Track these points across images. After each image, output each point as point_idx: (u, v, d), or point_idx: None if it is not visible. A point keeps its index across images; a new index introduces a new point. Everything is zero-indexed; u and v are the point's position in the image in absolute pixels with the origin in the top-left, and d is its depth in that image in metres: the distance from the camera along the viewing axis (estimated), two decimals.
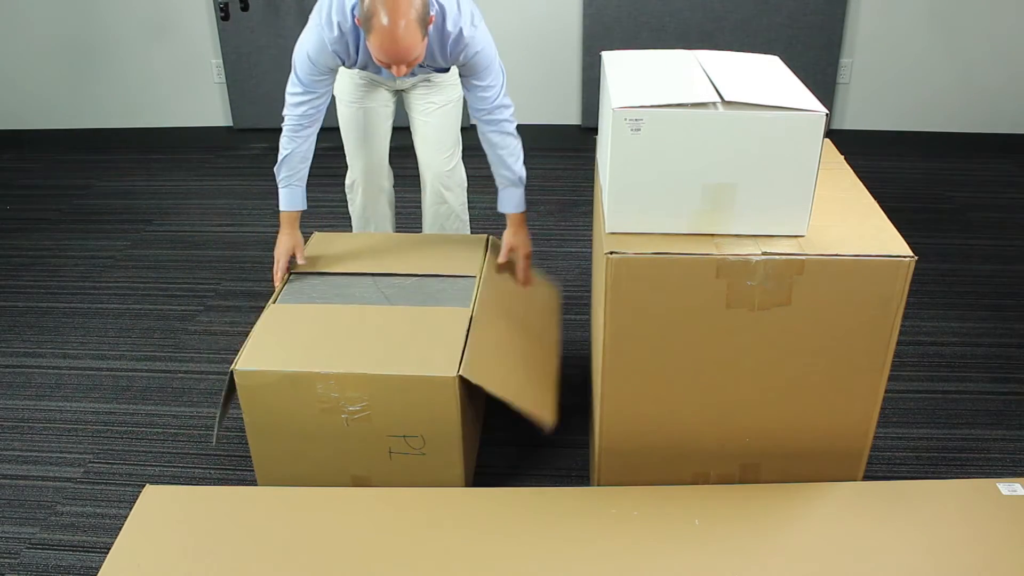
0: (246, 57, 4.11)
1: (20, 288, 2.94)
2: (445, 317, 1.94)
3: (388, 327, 1.91)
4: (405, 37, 1.78)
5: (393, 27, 1.76)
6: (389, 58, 1.82)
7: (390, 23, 1.76)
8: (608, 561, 1.56)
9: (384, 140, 2.43)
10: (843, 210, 1.69)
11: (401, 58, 1.81)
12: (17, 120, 4.39)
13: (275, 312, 1.97)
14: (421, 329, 1.90)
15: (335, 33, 1.96)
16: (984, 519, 1.64)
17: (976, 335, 2.57)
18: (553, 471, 2.07)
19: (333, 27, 1.96)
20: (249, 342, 1.86)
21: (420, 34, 1.80)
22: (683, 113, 1.48)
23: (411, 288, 2.08)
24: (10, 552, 1.87)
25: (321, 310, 1.97)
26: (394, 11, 1.76)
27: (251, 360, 1.80)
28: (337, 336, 1.88)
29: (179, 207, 3.55)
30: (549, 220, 3.36)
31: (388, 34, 1.77)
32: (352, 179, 2.48)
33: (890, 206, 3.33)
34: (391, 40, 1.78)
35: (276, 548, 1.59)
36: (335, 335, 1.88)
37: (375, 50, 1.82)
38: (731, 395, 1.67)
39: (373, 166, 2.45)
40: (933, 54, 3.93)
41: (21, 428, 2.26)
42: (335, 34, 1.96)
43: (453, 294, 2.05)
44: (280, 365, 1.78)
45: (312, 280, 2.11)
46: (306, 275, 2.13)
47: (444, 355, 1.80)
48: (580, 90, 4.16)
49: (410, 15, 1.77)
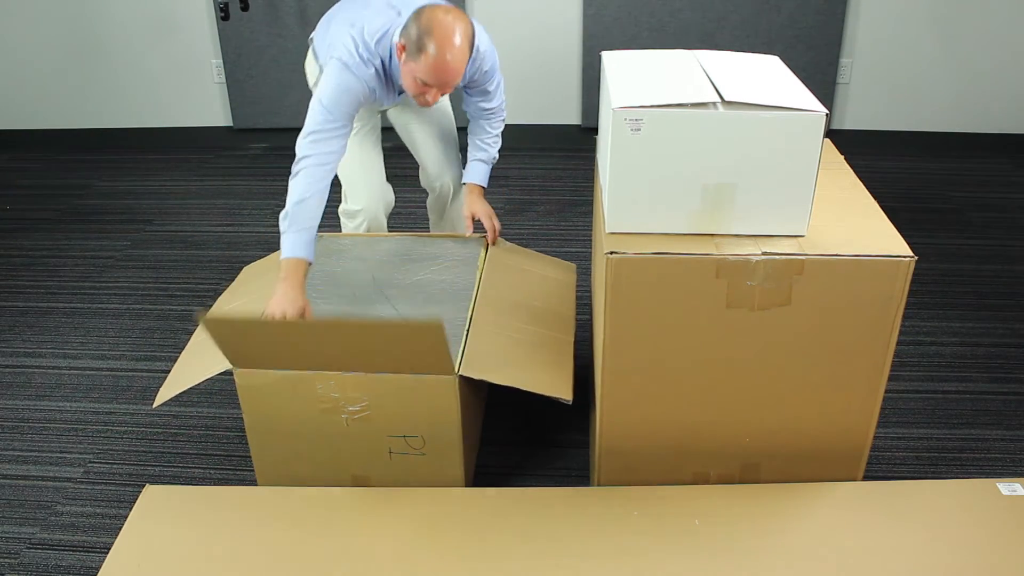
0: (246, 57, 4.11)
1: (20, 288, 2.94)
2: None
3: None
4: (455, 60, 1.79)
5: (446, 49, 1.77)
6: (437, 82, 1.82)
7: (444, 45, 1.77)
8: (608, 561, 1.56)
9: (381, 162, 2.42)
10: (843, 210, 1.69)
11: (450, 82, 1.83)
12: (17, 120, 4.39)
13: None
14: None
15: (371, 69, 1.93)
16: (984, 519, 1.64)
17: (976, 335, 2.57)
18: (553, 471, 2.07)
19: (367, 63, 1.92)
20: None
21: (467, 60, 1.83)
22: (683, 113, 1.48)
23: (412, 288, 2.08)
24: (10, 552, 1.87)
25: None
26: (447, 36, 1.77)
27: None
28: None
29: (179, 207, 3.55)
30: (549, 220, 3.36)
31: (441, 57, 1.78)
32: (358, 206, 2.36)
33: (890, 206, 3.33)
34: (443, 63, 1.78)
35: (276, 548, 1.59)
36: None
37: (423, 72, 1.81)
38: (731, 395, 1.67)
39: (376, 191, 2.38)
40: (933, 54, 3.93)
41: (21, 428, 2.26)
42: (371, 70, 1.93)
43: (453, 294, 2.05)
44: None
45: (315, 278, 2.11)
46: (309, 275, 2.13)
47: (444, 355, 1.80)
48: (580, 90, 4.16)
49: (462, 39, 1.79)
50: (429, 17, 1.80)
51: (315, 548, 1.59)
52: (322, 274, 2.14)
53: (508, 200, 3.53)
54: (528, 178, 3.75)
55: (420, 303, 2.01)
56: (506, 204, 3.48)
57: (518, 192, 3.59)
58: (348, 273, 2.15)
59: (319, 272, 2.15)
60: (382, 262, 2.19)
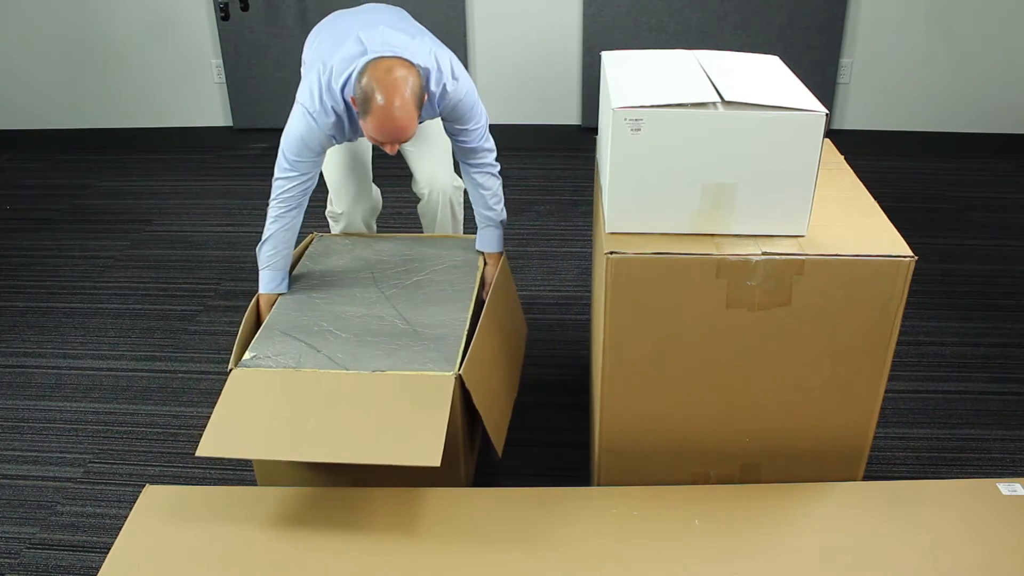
0: (246, 57, 4.11)
1: (20, 288, 2.94)
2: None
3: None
4: (402, 118, 1.78)
5: (389, 108, 1.76)
6: (386, 138, 1.81)
7: (386, 104, 1.76)
8: (608, 561, 1.56)
9: (368, 167, 2.42)
10: (843, 210, 1.69)
11: (397, 138, 1.81)
12: (17, 120, 4.39)
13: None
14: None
15: (331, 118, 1.93)
16: (984, 519, 1.64)
17: (976, 335, 2.57)
18: (553, 471, 2.07)
19: (328, 112, 1.92)
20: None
21: (416, 113, 1.81)
22: (683, 113, 1.48)
23: (412, 288, 2.08)
24: (10, 552, 1.87)
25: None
26: (390, 92, 1.76)
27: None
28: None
29: (179, 207, 3.55)
30: (549, 220, 3.36)
31: (385, 116, 1.77)
32: (340, 210, 2.41)
33: (890, 206, 3.32)
34: (389, 121, 1.78)
35: (276, 548, 1.59)
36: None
37: (371, 131, 1.81)
38: (731, 395, 1.67)
39: (358, 196, 2.40)
40: (933, 54, 3.93)
41: (21, 428, 2.26)
42: (331, 119, 1.93)
43: (453, 294, 2.05)
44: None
45: (315, 279, 2.11)
46: (309, 274, 2.13)
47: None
48: (580, 90, 4.16)
49: (405, 95, 1.77)
50: (371, 76, 1.78)
51: (315, 548, 1.59)
52: (321, 273, 2.14)
53: (508, 200, 3.50)
54: (528, 178, 3.75)
55: (420, 303, 2.01)
56: (506, 204, 3.47)
57: (518, 192, 3.59)
58: (348, 272, 2.15)
59: (319, 271, 2.15)
60: (381, 262, 2.19)
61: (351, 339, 1.88)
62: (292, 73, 4.30)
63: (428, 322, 1.94)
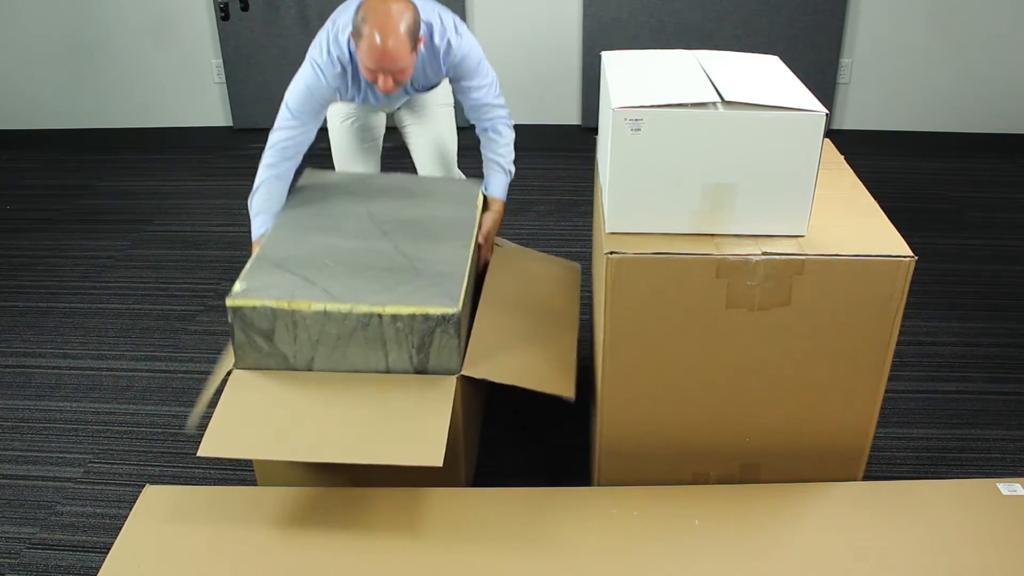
0: (246, 57, 4.10)
1: (20, 288, 2.94)
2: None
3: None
4: (392, 43, 1.82)
5: (382, 33, 1.82)
6: (376, 64, 1.85)
7: (379, 29, 1.82)
8: (608, 561, 1.56)
9: (376, 153, 2.45)
10: (843, 210, 1.69)
11: (388, 65, 1.85)
12: (17, 120, 4.39)
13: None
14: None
15: (337, 68, 2.01)
16: (984, 519, 1.64)
17: (976, 335, 2.57)
18: (553, 471, 2.07)
19: (334, 62, 2.00)
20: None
21: (408, 46, 1.86)
22: (683, 113, 1.48)
23: (410, 223, 2.00)
24: (10, 552, 1.87)
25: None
26: (384, 20, 1.82)
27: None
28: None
29: (179, 207, 3.55)
30: (549, 220, 3.36)
31: (376, 40, 1.82)
32: None
33: (890, 206, 3.32)
34: (377, 47, 1.82)
35: (276, 548, 1.59)
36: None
37: (363, 56, 1.86)
38: (731, 395, 1.67)
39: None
40: (933, 54, 3.93)
41: (21, 428, 2.26)
42: (337, 69, 2.01)
43: (453, 230, 1.99)
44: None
45: (307, 210, 2.06)
46: (300, 207, 2.07)
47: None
48: (580, 90, 4.16)
49: (399, 27, 1.83)
50: (367, 8, 1.84)
51: (315, 548, 1.59)
52: (315, 205, 2.08)
53: (508, 200, 3.51)
54: (528, 178, 3.74)
55: (419, 238, 1.95)
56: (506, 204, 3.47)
57: (518, 192, 3.58)
58: (343, 205, 2.08)
59: (311, 207, 2.08)
60: (376, 198, 2.11)
61: (347, 272, 1.80)
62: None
63: (428, 257, 1.87)
